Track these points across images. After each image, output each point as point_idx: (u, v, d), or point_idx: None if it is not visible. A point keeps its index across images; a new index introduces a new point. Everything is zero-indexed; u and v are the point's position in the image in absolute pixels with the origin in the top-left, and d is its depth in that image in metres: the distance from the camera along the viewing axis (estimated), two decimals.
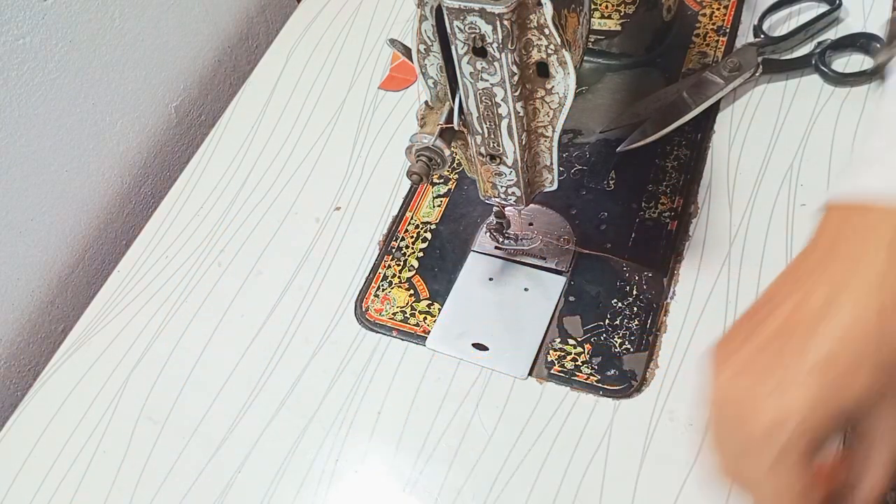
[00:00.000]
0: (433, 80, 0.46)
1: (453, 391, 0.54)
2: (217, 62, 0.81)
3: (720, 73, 0.65)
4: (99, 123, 0.69)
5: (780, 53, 0.67)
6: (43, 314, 0.68)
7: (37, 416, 0.58)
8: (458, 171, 0.65)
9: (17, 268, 0.64)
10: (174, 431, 0.56)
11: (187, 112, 0.79)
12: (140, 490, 0.53)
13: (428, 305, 0.58)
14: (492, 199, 0.53)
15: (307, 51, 0.78)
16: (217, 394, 0.57)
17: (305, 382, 0.56)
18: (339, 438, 0.54)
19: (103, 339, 0.61)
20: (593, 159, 0.64)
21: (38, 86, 0.62)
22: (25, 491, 0.54)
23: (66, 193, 0.67)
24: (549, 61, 0.43)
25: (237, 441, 0.54)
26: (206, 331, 0.60)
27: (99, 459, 0.55)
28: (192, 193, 0.69)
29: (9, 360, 0.65)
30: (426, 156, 0.46)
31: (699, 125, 0.64)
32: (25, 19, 0.59)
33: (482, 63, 0.42)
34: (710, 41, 0.70)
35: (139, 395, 0.58)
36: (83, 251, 0.70)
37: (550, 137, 0.48)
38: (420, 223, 0.63)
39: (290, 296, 0.61)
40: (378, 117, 0.71)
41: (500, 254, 0.60)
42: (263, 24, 0.87)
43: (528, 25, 0.41)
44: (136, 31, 0.70)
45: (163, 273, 0.64)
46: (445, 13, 0.41)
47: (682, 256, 0.58)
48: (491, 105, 0.45)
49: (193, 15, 0.76)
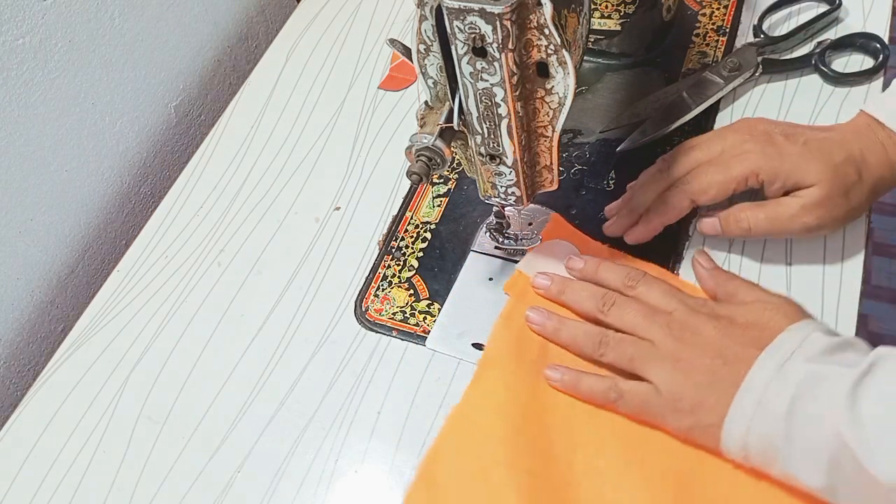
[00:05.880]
0: (433, 80, 0.46)
1: (453, 391, 0.54)
2: (217, 62, 0.81)
3: (720, 72, 0.65)
4: (99, 123, 0.69)
5: (780, 53, 0.67)
6: (43, 314, 0.68)
7: (37, 416, 0.58)
8: (458, 171, 0.65)
9: (16, 268, 0.64)
10: (174, 431, 0.56)
11: (187, 112, 0.79)
12: (140, 490, 0.53)
13: (428, 305, 0.58)
14: (492, 199, 0.53)
15: (307, 51, 0.78)
16: (217, 394, 0.57)
17: (305, 382, 0.56)
18: (338, 438, 0.54)
19: (103, 339, 0.61)
20: (593, 159, 0.64)
21: (37, 86, 0.62)
22: (25, 491, 0.54)
23: (66, 193, 0.67)
24: (549, 61, 0.43)
25: (237, 441, 0.54)
26: (206, 331, 0.60)
27: (99, 459, 0.55)
28: (192, 193, 0.69)
29: (9, 360, 0.65)
30: (426, 156, 0.46)
31: (699, 125, 0.64)
32: (25, 19, 0.59)
33: (482, 63, 0.42)
34: (709, 41, 0.70)
35: (139, 395, 0.58)
36: (83, 251, 0.70)
37: (550, 137, 0.48)
38: (420, 223, 0.63)
39: (289, 296, 0.61)
40: (378, 117, 0.71)
41: (499, 254, 0.60)
42: (263, 24, 0.87)
43: (528, 25, 0.41)
44: (136, 31, 0.70)
45: (163, 273, 0.64)
46: (445, 13, 0.41)
47: (682, 257, 0.58)
48: (491, 105, 0.45)
49: (193, 15, 0.76)
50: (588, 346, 0.52)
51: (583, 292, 0.54)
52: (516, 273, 0.58)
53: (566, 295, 0.54)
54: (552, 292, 0.55)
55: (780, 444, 0.43)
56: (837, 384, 0.41)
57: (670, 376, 0.47)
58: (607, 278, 0.54)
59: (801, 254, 0.56)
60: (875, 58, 0.65)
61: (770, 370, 0.44)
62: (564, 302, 0.55)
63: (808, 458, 0.42)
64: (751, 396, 0.44)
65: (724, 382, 0.45)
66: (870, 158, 0.52)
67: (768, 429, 0.43)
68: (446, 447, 0.51)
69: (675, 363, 0.47)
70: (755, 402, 0.44)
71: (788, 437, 0.42)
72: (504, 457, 0.49)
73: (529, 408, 0.51)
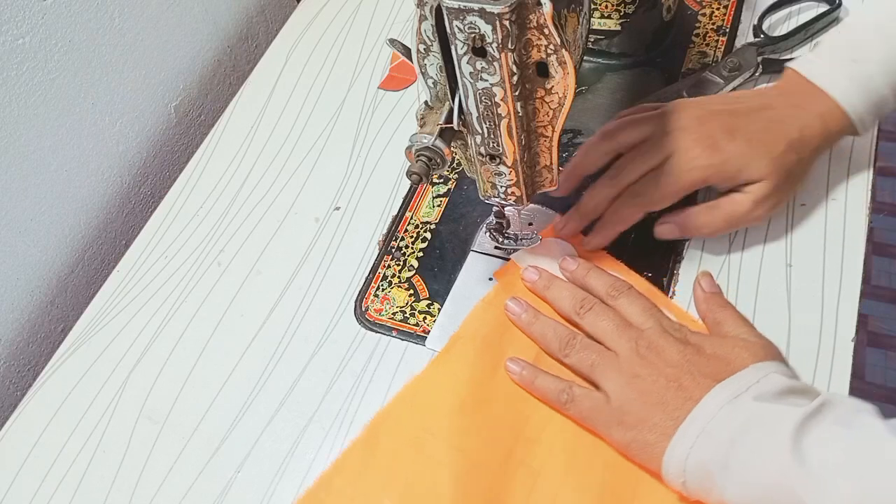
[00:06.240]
0: (433, 80, 0.46)
1: None
2: (217, 62, 0.81)
3: (720, 72, 0.65)
4: (99, 123, 0.69)
5: (780, 53, 0.67)
6: (43, 314, 0.68)
7: (37, 416, 0.58)
8: (458, 171, 0.65)
9: (17, 268, 0.64)
10: (174, 431, 0.56)
11: (187, 112, 0.79)
12: (140, 490, 0.53)
13: (428, 305, 0.58)
14: (492, 199, 0.53)
15: (307, 51, 0.78)
16: (217, 394, 0.57)
17: (305, 382, 0.56)
18: (338, 438, 0.54)
19: (103, 339, 0.61)
20: None
21: (37, 86, 0.62)
22: (25, 491, 0.54)
23: (66, 193, 0.67)
24: (549, 61, 0.43)
25: (237, 441, 0.54)
26: (205, 331, 0.60)
27: (99, 459, 0.55)
28: (192, 193, 0.69)
29: (9, 360, 0.65)
30: (426, 156, 0.46)
31: None
32: (25, 19, 0.59)
33: (482, 63, 0.42)
34: (709, 41, 0.70)
35: (139, 396, 0.58)
36: (83, 251, 0.70)
37: (550, 137, 0.48)
38: (420, 223, 0.63)
39: (289, 296, 0.61)
40: (378, 117, 0.71)
41: (499, 254, 0.60)
42: (263, 24, 0.87)
43: (528, 25, 0.41)
44: (136, 31, 0.70)
45: (162, 273, 0.64)
46: (445, 13, 0.41)
47: (681, 256, 0.58)
48: (491, 105, 0.45)
49: (193, 15, 0.76)
50: (555, 344, 0.53)
51: (565, 292, 0.55)
52: (509, 262, 0.58)
53: (550, 291, 0.55)
54: (538, 287, 0.56)
55: (718, 473, 0.43)
56: (783, 422, 0.42)
57: (622, 389, 0.48)
58: (593, 284, 0.55)
59: (801, 254, 0.56)
60: None
61: (720, 402, 0.45)
62: (547, 298, 0.56)
63: (745, 491, 0.43)
64: (697, 425, 0.45)
65: (670, 406, 0.46)
66: (807, 134, 0.54)
67: (708, 456, 0.44)
68: (396, 412, 0.53)
69: (632, 378, 0.48)
70: (699, 430, 0.45)
71: (727, 467, 0.43)
72: (445, 433, 0.51)
73: (483, 392, 0.53)
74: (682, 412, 0.46)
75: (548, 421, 0.51)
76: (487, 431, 0.51)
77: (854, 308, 0.54)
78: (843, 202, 0.58)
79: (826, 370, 0.51)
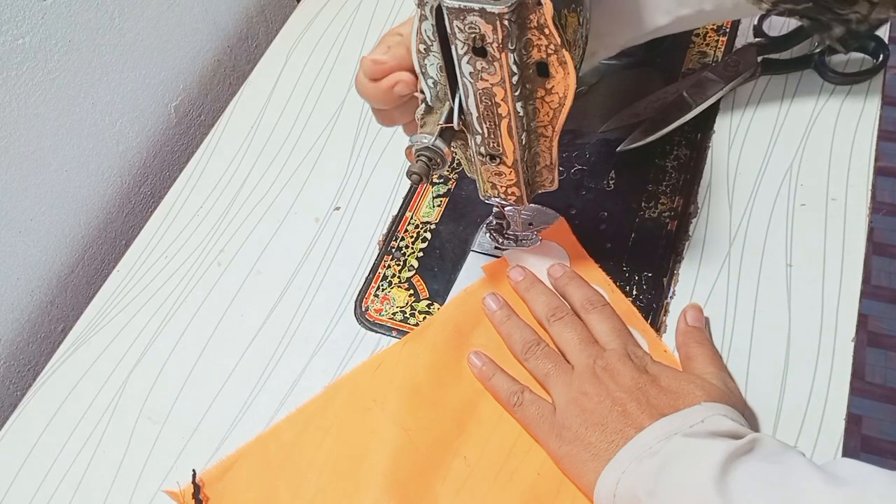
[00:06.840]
0: (433, 80, 0.46)
1: None
2: (217, 62, 0.81)
3: (720, 72, 0.65)
4: (98, 123, 0.69)
5: (780, 53, 0.67)
6: (43, 314, 0.68)
7: (37, 416, 0.58)
8: (458, 171, 0.65)
9: (17, 268, 0.64)
10: (174, 431, 0.56)
11: (187, 112, 0.79)
12: (140, 490, 0.53)
13: (428, 305, 0.58)
14: (492, 199, 0.53)
15: (307, 51, 0.78)
16: (217, 394, 0.57)
17: (305, 382, 0.56)
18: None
19: (103, 339, 0.61)
20: (593, 159, 0.64)
21: (37, 86, 0.62)
22: (25, 491, 0.54)
23: (65, 193, 0.67)
24: (549, 61, 0.43)
25: (237, 441, 0.54)
26: (205, 331, 0.60)
27: (99, 459, 0.55)
28: (192, 193, 0.69)
29: (8, 360, 0.65)
30: (426, 156, 0.46)
31: (699, 125, 0.64)
32: (25, 19, 0.59)
33: (482, 63, 0.42)
34: (709, 41, 0.70)
35: (139, 395, 0.58)
36: (83, 251, 0.70)
37: (550, 137, 0.48)
38: (420, 223, 0.63)
39: (289, 296, 0.61)
40: None
41: (499, 254, 0.60)
42: (263, 24, 0.87)
43: (528, 25, 0.41)
44: (136, 31, 0.70)
45: (162, 273, 0.64)
46: (445, 13, 0.41)
47: (681, 256, 0.58)
48: (491, 105, 0.45)
49: (193, 15, 0.76)
50: (518, 346, 0.53)
51: (542, 297, 0.55)
52: (501, 258, 0.59)
53: (529, 293, 0.56)
54: (520, 287, 0.57)
55: (645, 500, 0.43)
56: (712, 455, 0.42)
57: (567, 404, 0.49)
58: (572, 294, 0.55)
59: (801, 254, 0.56)
60: (875, 58, 0.65)
61: (658, 435, 0.45)
62: (526, 299, 0.56)
63: None
64: (632, 452, 0.45)
65: (609, 429, 0.47)
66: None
67: (639, 483, 0.44)
68: (356, 378, 0.54)
69: (579, 395, 0.49)
70: (633, 457, 0.45)
71: (654, 495, 0.43)
72: (394, 407, 0.52)
73: (441, 378, 0.53)
74: (619, 437, 0.46)
75: (497, 419, 0.52)
76: (435, 416, 0.52)
77: (854, 308, 0.54)
78: (843, 202, 0.58)
79: (826, 370, 0.51)
